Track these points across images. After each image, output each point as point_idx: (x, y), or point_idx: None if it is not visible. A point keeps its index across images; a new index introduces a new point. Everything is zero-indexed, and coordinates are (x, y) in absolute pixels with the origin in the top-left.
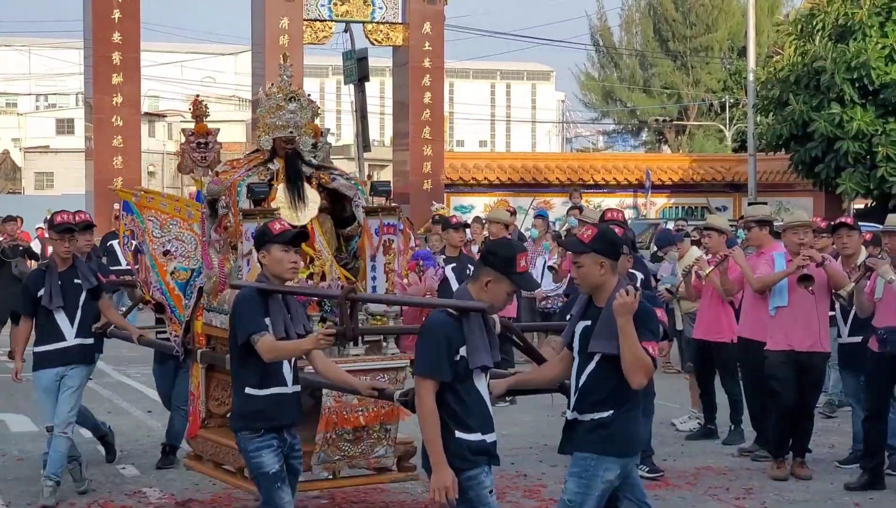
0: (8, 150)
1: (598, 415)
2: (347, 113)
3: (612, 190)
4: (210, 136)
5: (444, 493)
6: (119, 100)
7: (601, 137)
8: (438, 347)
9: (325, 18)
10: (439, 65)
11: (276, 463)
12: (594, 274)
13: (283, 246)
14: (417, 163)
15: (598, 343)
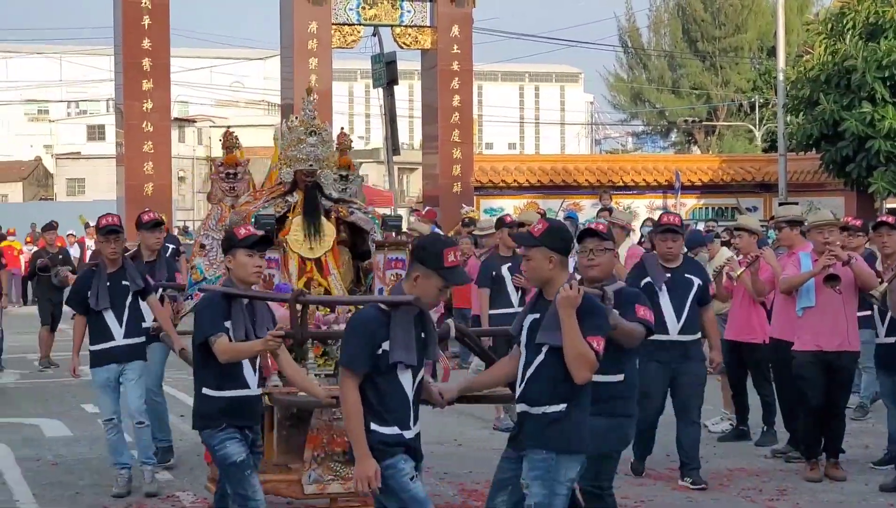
0: (40, 156)
1: (550, 409)
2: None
3: (641, 191)
4: (239, 166)
5: (366, 482)
6: (149, 106)
7: (630, 138)
8: (359, 340)
9: (354, 22)
10: (468, 68)
11: (243, 452)
12: (543, 268)
13: (247, 250)
14: (447, 166)
15: (546, 335)
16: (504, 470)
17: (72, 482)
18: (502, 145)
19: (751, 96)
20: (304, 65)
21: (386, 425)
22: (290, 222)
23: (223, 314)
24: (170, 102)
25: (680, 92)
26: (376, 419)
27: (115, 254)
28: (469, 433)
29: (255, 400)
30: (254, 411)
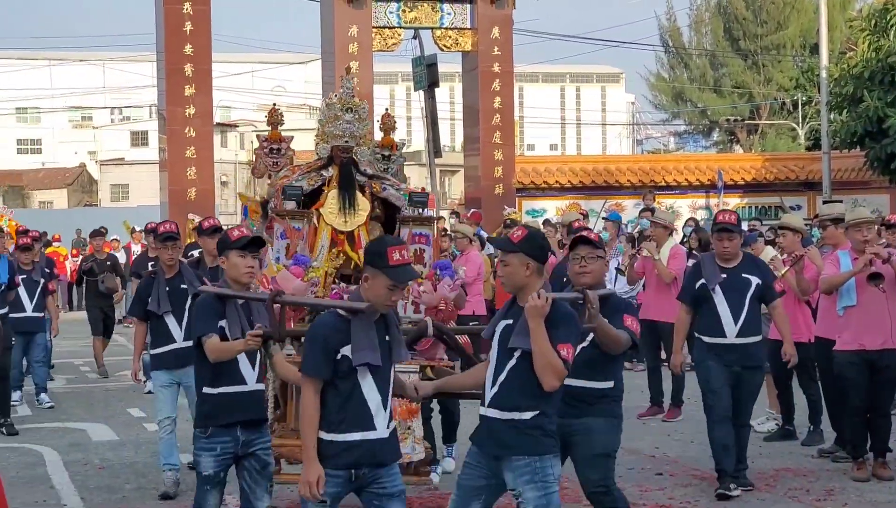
0: (84, 163)
1: (523, 415)
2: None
3: (683, 191)
4: (283, 142)
5: (309, 487)
6: (191, 111)
7: (672, 138)
8: (317, 346)
9: (394, 25)
10: (509, 69)
11: (212, 468)
12: (520, 274)
13: (239, 252)
14: (488, 168)
15: (519, 339)
16: (475, 478)
17: (118, 485)
18: (544, 147)
19: (793, 94)
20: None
21: (338, 431)
22: (326, 196)
23: (216, 315)
24: (212, 107)
25: (722, 91)
26: (329, 426)
27: (173, 260)
28: None
29: (251, 395)
30: (253, 406)
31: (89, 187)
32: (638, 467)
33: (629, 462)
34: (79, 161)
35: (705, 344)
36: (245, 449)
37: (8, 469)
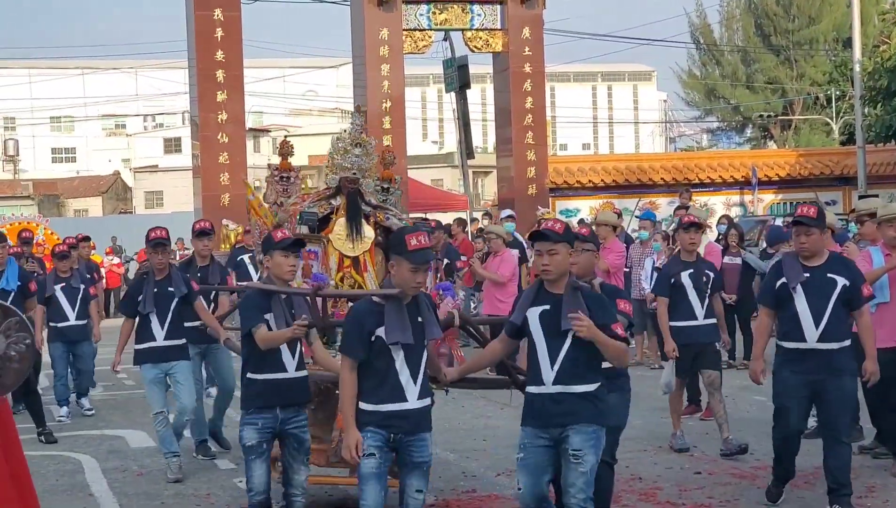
0: (118, 171)
1: (588, 387)
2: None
3: (717, 188)
4: (292, 172)
5: (349, 451)
6: (224, 117)
7: (705, 135)
8: (353, 329)
9: (425, 28)
10: (540, 69)
11: (254, 439)
12: (566, 262)
13: (282, 252)
14: (521, 168)
15: (568, 322)
16: (540, 454)
17: (157, 492)
18: (576, 146)
19: (827, 89)
20: (377, 71)
21: (372, 402)
22: (335, 223)
23: (262, 308)
24: (244, 112)
25: (754, 87)
26: (366, 397)
27: (162, 264)
28: None
29: (293, 382)
30: (292, 391)
31: (124, 195)
32: (677, 466)
33: (668, 462)
34: (113, 169)
35: (783, 349)
36: (283, 427)
37: (47, 477)
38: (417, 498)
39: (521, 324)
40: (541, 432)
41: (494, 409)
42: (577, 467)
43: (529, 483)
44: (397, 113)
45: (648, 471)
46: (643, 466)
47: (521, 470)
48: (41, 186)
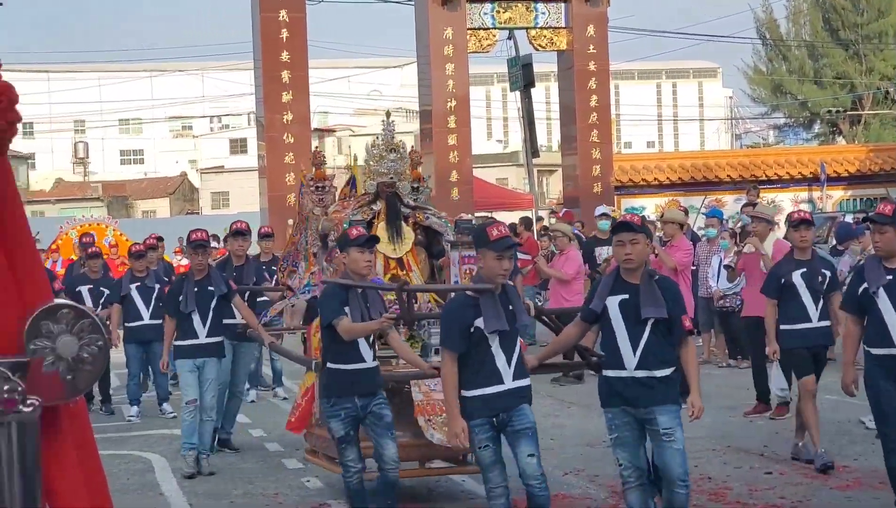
0: (185, 172)
1: (668, 371)
2: (514, 120)
3: (785, 185)
4: (326, 181)
5: (456, 439)
6: (289, 117)
7: (771, 131)
8: (453, 323)
9: (489, 27)
10: (604, 67)
11: (342, 429)
12: (645, 251)
13: (359, 248)
14: (586, 167)
15: (650, 310)
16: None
17: (226, 491)
18: (641, 144)
19: None
20: (441, 71)
21: (475, 387)
22: (376, 227)
23: (342, 301)
24: (309, 112)
25: (822, 82)
26: (468, 384)
27: (202, 265)
28: None
29: (369, 372)
30: (368, 380)
31: (190, 196)
32: (746, 466)
33: (737, 461)
34: (180, 170)
35: (872, 356)
36: (364, 412)
37: (118, 476)
38: (531, 462)
39: (601, 311)
40: (629, 410)
41: (562, 408)
42: (672, 444)
43: (629, 456)
44: (462, 112)
45: (718, 471)
46: (712, 466)
47: (619, 447)
48: (110, 188)
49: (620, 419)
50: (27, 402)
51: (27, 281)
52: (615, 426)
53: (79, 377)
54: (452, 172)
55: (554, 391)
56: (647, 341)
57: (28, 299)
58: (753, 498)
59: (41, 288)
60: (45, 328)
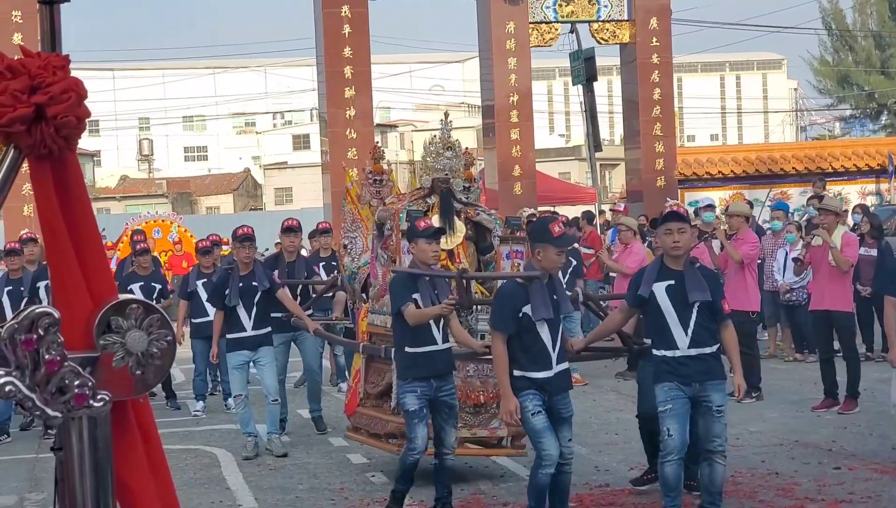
0: (248, 168)
1: (714, 348)
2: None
3: (852, 177)
4: (384, 174)
5: (509, 415)
6: (352, 113)
7: (837, 123)
8: (504, 308)
9: (551, 20)
10: (667, 60)
11: (416, 404)
12: (692, 241)
13: (426, 239)
14: (650, 160)
15: (695, 294)
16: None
17: (291, 486)
18: (704, 137)
19: None
20: (504, 65)
21: (525, 370)
22: (430, 219)
23: (410, 289)
24: (372, 108)
25: (889, 72)
26: (517, 366)
27: (248, 258)
28: None
29: (442, 353)
30: (442, 361)
31: (254, 192)
32: (815, 461)
33: (804, 456)
34: (243, 166)
35: None
36: (437, 394)
37: (185, 470)
38: (569, 446)
39: (649, 297)
40: (682, 386)
41: (626, 402)
42: (720, 419)
43: (679, 428)
44: (524, 107)
45: (785, 466)
46: (780, 461)
47: (671, 418)
48: (174, 185)
49: (676, 395)
50: (97, 397)
51: (95, 277)
52: (669, 399)
53: (148, 372)
54: (515, 166)
55: (618, 385)
56: (695, 322)
57: (96, 295)
58: (822, 494)
59: (108, 284)
60: (114, 323)
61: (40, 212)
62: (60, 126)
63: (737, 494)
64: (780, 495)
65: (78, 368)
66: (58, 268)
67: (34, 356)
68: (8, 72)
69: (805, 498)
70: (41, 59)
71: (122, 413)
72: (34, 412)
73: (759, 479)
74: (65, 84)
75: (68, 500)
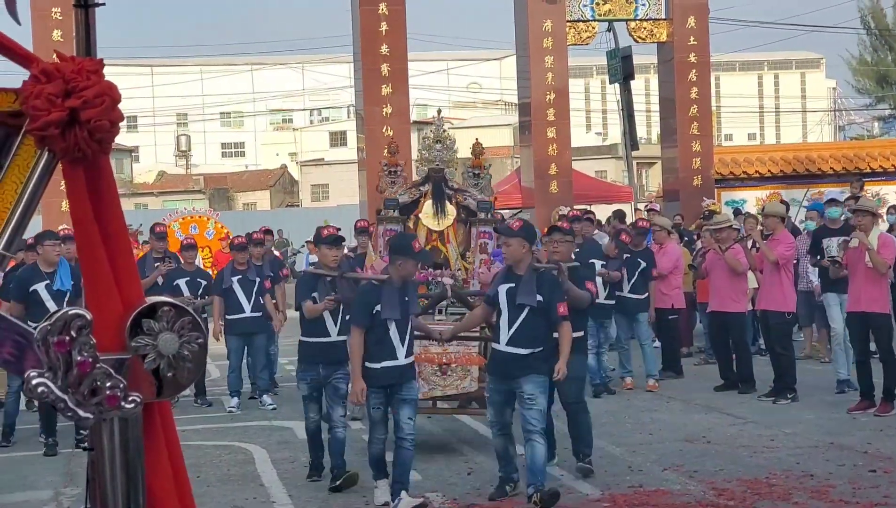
0: (285, 164)
1: (537, 349)
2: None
3: (890, 177)
4: (398, 166)
5: (356, 396)
6: (389, 110)
7: (876, 123)
8: (360, 306)
9: (588, 19)
10: (705, 59)
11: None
12: (520, 252)
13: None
14: (686, 159)
15: (524, 298)
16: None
17: (325, 483)
18: (742, 137)
19: None
20: (541, 63)
21: (374, 361)
22: (423, 204)
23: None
24: (408, 105)
25: None
26: (368, 357)
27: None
28: (718, 431)
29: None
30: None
31: (290, 188)
32: (850, 463)
33: (839, 459)
34: (280, 163)
35: None
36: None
37: (220, 466)
38: (409, 423)
39: (495, 298)
40: (500, 382)
41: (661, 402)
42: (533, 406)
43: (494, 412)
44: (561, 105)
45: (820, 468)
46: (814, 462)
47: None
48: (212, 181)
49: (496, 387)
50: (129, 398)
51: (125, 279)
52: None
53: (179, 375)
54: (551, 164)
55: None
56: (521, 323)
57: (126, 297)
58: (857, 497)
59: (136, 289)
60: (146, 325)
61: (73, 214)
62: (94, 130)
63: (771, 496)
64: (815, 497)
65: (110, 370)
66: (90, 270)
67: (67, 358)
68: (42, 76)
69: (840, 501)
70: (75, 64)
71: (149, 417)
72: (66, 413)
73: (793, 481)
74: (99, 88)
75: (99, 499)
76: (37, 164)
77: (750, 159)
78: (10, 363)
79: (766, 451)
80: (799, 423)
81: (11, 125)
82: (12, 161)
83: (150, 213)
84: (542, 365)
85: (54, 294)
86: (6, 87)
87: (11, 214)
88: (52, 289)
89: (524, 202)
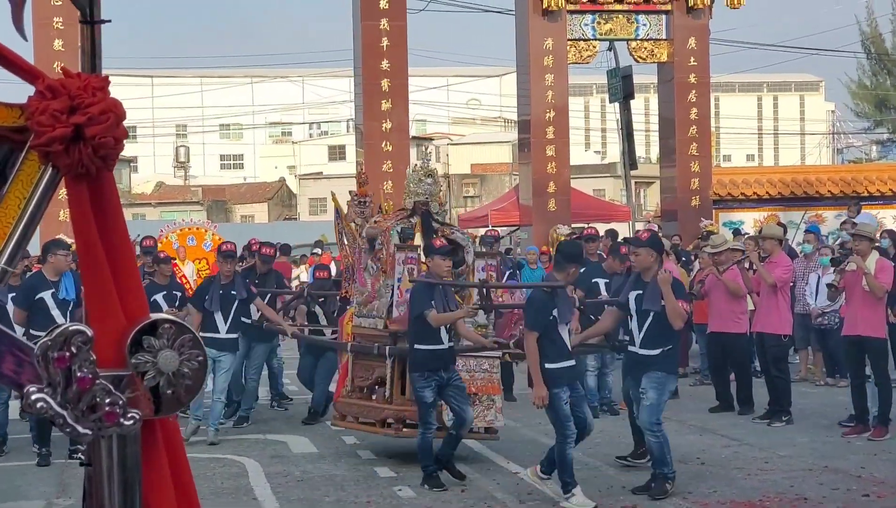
0: (284, 177)
1: (666, 348)
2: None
3: (888, 201)
4: (367, 197)
5: (540, 401)
6: (388, 125)
7: (874, 146)
8: (538, 311)
9: (589, 38)
10: (705, 80)
11: (431, 396)
12: (648, 260)
13: (441, 256)
14: (685, 179)
15: (650, 304)
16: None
17: (317, 498)
18: (740, 158)
19: None
20: (541, 81)
21: (552, 362)
22: (414, 237)
23: (430, 296)
24: (408, 121)
25: None
26: (546, 359)
27: (229, 272)
28: (713, 452)
29: (449, 351)
30: (448, 358)
31: (288, 201)
32: (843, 487)
33: (833, 482)
34: (278, 176)
35: None
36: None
37: (213, 479)
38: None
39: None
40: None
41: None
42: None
43: None
44: (560, 123)
45: (814, 491)
46: (808, 486)
47: None
48: (210, 192)
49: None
50: (128, 415)
51: (128, 294)
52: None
53: (179, 392)
54: (550, 182)
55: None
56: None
57: (129, 313)
58: None
59: (141, 303)
60: (146, 342)
61: (76, 230)
62: (98, 147)
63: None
64: None
65: (109, 386)
66: (92, 285)
67: (66, 373)
68: (48, 92)
69: None
70: (81, 80)
71: (149, 434)
72: (65, 429)
73: (787, 504)
74: (104, 105)
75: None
76: (40, 179)
77: (748, 181)
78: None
79: (760, 473)
80: (793, 446)
81: (16, 141)
82: (16, 176)
83: (148, 224)
84: (663, 362)
85: (59, 303)
86: (11, 102)
87: (14, 229)
88: (58, 298)
89: (522, 220)
